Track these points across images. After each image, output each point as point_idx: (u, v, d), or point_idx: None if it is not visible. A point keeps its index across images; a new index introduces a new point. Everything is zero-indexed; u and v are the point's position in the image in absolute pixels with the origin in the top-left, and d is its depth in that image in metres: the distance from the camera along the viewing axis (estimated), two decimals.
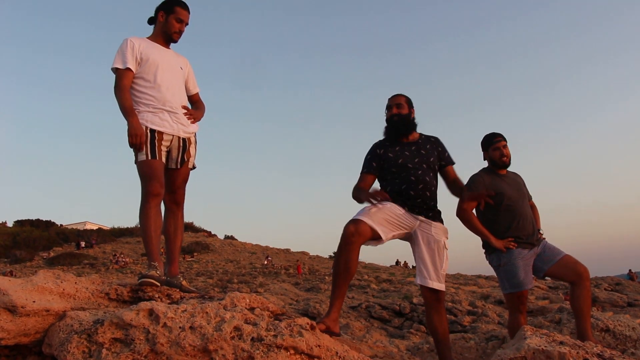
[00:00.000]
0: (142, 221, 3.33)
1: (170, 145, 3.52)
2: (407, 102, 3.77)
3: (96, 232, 41.18)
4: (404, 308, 13.07)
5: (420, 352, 7.01)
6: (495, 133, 4.17)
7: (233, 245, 41.48)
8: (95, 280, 3.09)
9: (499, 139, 4.11)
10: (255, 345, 2.25)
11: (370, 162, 3.70)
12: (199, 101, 3.89)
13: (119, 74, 3.44)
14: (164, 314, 2.36)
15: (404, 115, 3.71)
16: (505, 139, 4.14)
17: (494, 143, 4.10)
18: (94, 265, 29.26)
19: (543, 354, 2.41)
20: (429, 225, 3.51)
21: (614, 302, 15.65)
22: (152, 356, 2.25)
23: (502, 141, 4.10)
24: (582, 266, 3.90)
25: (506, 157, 4.10)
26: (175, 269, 3.53)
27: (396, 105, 3.72)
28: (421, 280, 3.48)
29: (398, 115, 3.69)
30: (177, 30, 3.61)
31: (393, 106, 3.73)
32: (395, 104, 3.73)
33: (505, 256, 4.00)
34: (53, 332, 2.49)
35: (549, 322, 8.12)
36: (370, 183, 3.67)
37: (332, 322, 3.05)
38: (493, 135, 4.15)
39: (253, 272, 27.76)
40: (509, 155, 4.11)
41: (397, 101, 3.74)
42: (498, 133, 4.16)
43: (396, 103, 3.73)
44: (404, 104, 3.74)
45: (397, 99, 3.76)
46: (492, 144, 4.11)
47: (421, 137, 3.76)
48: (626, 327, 5.28)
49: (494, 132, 4.17)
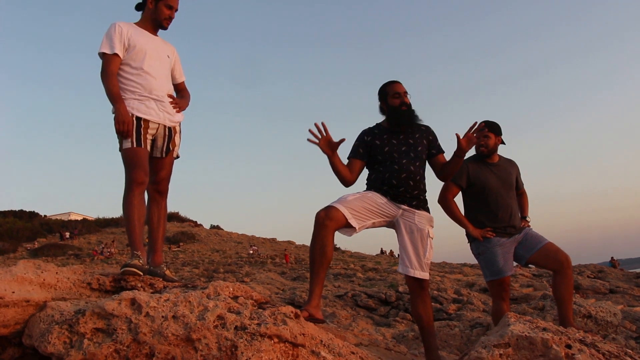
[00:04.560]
0: (126, 210, 3.30)
1: (156, 133, 3.48)
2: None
3: (81, 223, 40.82)
4: (389, 296, 13.14)
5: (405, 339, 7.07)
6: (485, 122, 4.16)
7: (219, 235, 41.37)
8: (77, 270, 3.05)
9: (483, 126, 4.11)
10: (238, 334, 2.24)
11: (357, 148, 3.65)
12: (185, 90, 3.84)
13: (106, 59, 3.38)
14: (146, 303, 2.34)
15: (411, 107, 3.64)
16: (492, 129, 4.14)
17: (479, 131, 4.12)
18: (78, 256, 29.02)
19: (526, 340, 2.42)
20: (412, 214, 3.49)
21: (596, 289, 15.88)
22: (135, 346, 2.23)
23: (486, 130, 4.10)
24: (564, 254, 3.94)
25: (484, 147, 4.13)
26: (159, 258, 3.51)
27: (404, 94, 3.63)
28: (403, 269, 3.48)
29: (407, 105, 3.61)
30: (167, 16, 3.55)
31: (402, 94, 3.62)
32: (403, 92, 3.62)
33: (484, 244, 4.06)
34: (33, 323, 2.46)
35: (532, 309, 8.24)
36: (356, 169, 3.61)
37: (313, 308, 3.05)
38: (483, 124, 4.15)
39: (239, 262, 27.72)
40: (487, 146, 4.13)
41: (404, 90, 3.64)
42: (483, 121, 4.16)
43: (404, 91, 3.63)
44: (407, 94, 3.66)
45: (402, 87, 3.65)
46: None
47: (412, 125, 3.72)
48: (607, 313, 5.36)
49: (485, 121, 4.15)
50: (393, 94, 3.64)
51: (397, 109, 3.61)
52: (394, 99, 3.63)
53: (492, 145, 4.15)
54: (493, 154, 4.18)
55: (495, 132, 4.16)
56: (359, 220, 3.32)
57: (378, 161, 3.58)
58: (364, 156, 3.63)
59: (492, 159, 4.19)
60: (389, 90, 3.66)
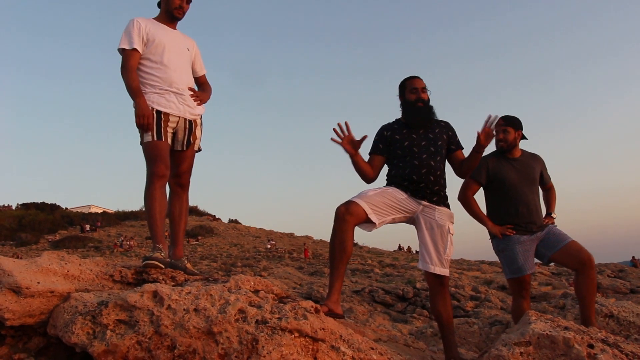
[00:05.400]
0: (147, 203, 3.33)
1: (177, 127, 3.50)
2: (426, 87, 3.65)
3: (101, 216, 41.35)
4: (407, 293, 13.10)
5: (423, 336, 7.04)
6: (501, 117, 4.12)
7: (237, 229, 41.60)
8: (99, 262, 3.09)
9: (500, 122, 4.07)
10: (259, 327, 2.25)
11: (377, 144, 3.65)
12: (206, 83, 3.86)
13: (125, 54, 3.42)
14: (168, 296, 2.36)
15: (428, 101, 3.62)
16: (511, 123, 4.10)
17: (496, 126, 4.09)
18: (98, 249, 29.41)
19: (548, 338, 2.40)
20: (433, 210, 3.47)
21: (616, 289, 15.64)
22: (156, 338, 2.25)
23: (503, 126, 4.07)
24: (587, 253, 3.85)
25: (503, 141, 4.09)
26: (180, 251, 3.54)
27: (422, 89, 3.60)
28: (423, 265, 3.46)
29: (424, 101, 3.59)
30: (178, 5, 3.56)
31: (419, 89, 3.59)
32: (421, 88, 3.60)
33: (504, 242, 4.02)
34: (57, 314, 2.50)
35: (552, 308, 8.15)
36: (377, 164, 3.62)
37: (333, 304, 3.05)
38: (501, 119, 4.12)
39: (257, 256, 27.86)
40: (507, 140, 4.08)
41: (422, 85, 3.62)
42: (502, 116, 4.13)
43: (422, 86, 3.61)
44: (426, 89, 3.64)
45: (421, 82, 3.63)
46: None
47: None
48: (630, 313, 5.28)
49: (502, 116, 4.13)
50: (411, 89, 3.63)
51: (413, 104, 3.60)
52: (411, 94, 3.62)
53: (512, 140, 4.10)
54: (514, 149, 4.13)
55: (515, 126, 4.11)
56: (379, 215, 3.31)
57: (398, 156, 3.57)
58: (384, 151, 3.63)
59: (513, 153, 4.14)
60: (407, 84, 3.66)
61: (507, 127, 4.08)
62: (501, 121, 4.08)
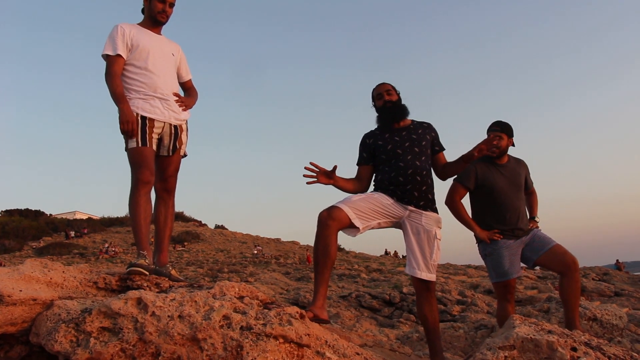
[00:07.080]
0: (132, 209, 3.31)
1: (162, 132, 3.49)
2: (393, 88, 3.78)
3: (86, 222, 40.95)
4: (393, 297, 13.13)
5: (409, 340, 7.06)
6: (495, 122, 4.17)
7: (223, 235, 41.40)
8: (83, 269, 3.06)
9: (494, 128, 4.13)
10: (244, 334, 2.24)
11: (361, 154, 3.72)
12: (192, 88, 3.86)
13: (109, 60, 3.40)
14: (152, 302, 2.35)
15: (396, 101, 3.72)
16: (505, 130, 4.13)
17: (488, 133, 4.13)
18: (83, 255, 29.12)
19: (532, 342, 2.42)
20: (420, 215, 3.48)
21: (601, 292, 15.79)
22: (141, 345, 2.24)
23: (497, 132, 4.11)
24: (571, 257, 3.90)
25: (496, 147, 4.10)
26: (165, 257, 3.52)
27: (386, 92, 3.73)
28: (410, 270, 3.48)
29: (391, 102, 3.70)
30: (161, 9, 3.55)
31: (383, 93, 3.73)
32: (384, 91, 3.73)
33: (490, 246, 4.05)
34: (40, 321, 2.47)
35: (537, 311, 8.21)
36: (365, 175, 3.68)
37: (318, 309, 3.05)
38: (492, 124, 4.17)
39: (243, 262, 27.75)
40: (500, 147, 4.09)
41: (386, 88, 3.75)
42: (496, 122, 4.17)
43: (385, 90, 3.74)
44: (392, 91, 3.75)
45: (384, 86, 3.77)
46: (488, 132, 4.14)
47: (413, 122, 3.73)
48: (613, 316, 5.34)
49: (496, 121, 4.18)
50: (376, 95, 3.78)
51: (381, 109, 3.72)
52: (378, 100, 3.76)
53: (504, 146, 4.13)
54: (503, 155, 4.17)
55: (509, 133, 4.14)
56: (363, 220, 3.32)
57: (383, 161, 3.59)
58: (369, 160, 3.67)
59: (501, 160, 4.17)
60: (373, 93, 3.81)
61: (501, 134, 4.11)
62: (496, 127, 4.12)
